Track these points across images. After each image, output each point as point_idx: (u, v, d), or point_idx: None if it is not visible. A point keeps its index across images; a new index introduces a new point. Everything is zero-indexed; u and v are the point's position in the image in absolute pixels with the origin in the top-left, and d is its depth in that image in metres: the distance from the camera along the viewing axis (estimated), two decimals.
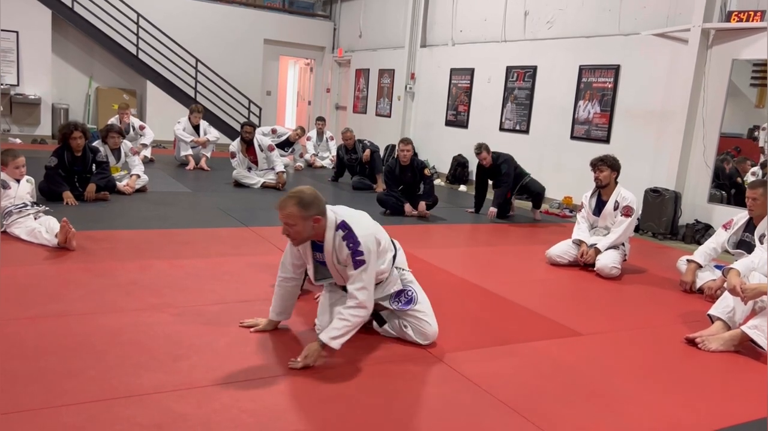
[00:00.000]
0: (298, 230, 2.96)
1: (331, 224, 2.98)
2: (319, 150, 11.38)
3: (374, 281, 3.05)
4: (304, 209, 2.91)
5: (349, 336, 2.98)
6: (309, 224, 2.94)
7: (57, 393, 2.50)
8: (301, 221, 2.93)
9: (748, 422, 2.77)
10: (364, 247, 2.95)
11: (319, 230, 3.00)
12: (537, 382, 3.01)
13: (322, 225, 2.98)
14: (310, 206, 2.92)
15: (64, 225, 4.53)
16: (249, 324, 3.39)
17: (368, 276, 2.98)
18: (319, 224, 2.97)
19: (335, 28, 14.74)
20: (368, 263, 2.97)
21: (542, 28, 9.27)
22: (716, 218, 6.87)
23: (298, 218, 2.92)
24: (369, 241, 2.99)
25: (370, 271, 2.99)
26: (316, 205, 2.94)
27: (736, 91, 7.09)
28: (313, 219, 2.94)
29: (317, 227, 2.97)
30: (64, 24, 11.82)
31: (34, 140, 11.41)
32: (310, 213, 2.92)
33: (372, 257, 2.99)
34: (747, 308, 3.71)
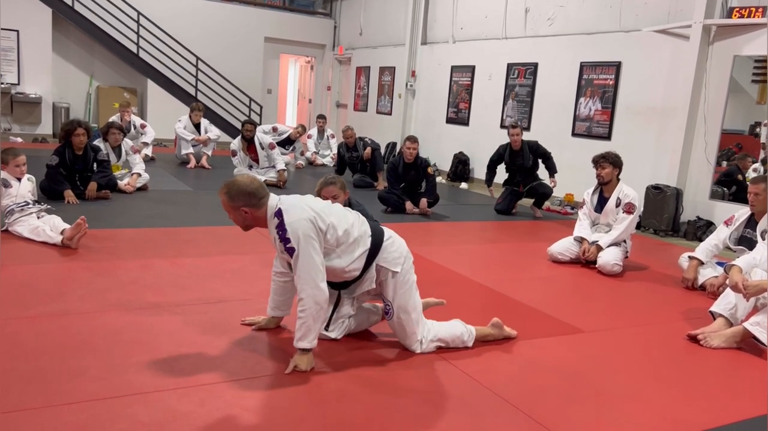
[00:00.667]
0: (232, 217, 2.99)
1: (269, 212, 2.92)
2: (320, 148, 11.38)
3: (316, 269, 2.84)
4: (230, 199, 2.92)
5: (313, 332, 2.86)
6: (240, 214, 2.93)
7: (58, 392, 2.50)
8: (231, 210, 2.95)
9: (751, 419, 2.77)
10: (291, 234, 2.82)
11: (258, 219, 2.95)
12: (539, 379, 3.00)
13: (257, 216, 2.93)
14: (237, 197, 2.90)
15: (81, 222, 4.53)
16: (250, 322, 3.38)
17: (303, 264, 2.82)
18: (251, 214, 2.92)
19: (336, 25, 14.72)
20: (298, 251, 2.81)
21: (543, 25, 9.25)
22: (718, 214, 6.86)
23: (228, 207, 2.95)
24: (299, 227, 2.82)
25: (307, 258, 2.82)
26: (245, 196, 2.89)
27: (737, 87, 7.08)
28: (242, 210, 2.91)
29: (250, 217, 2.94)
30: (65, 23, 11.81)
31: (35, 139, 11.41)
32: (237, 204, 2.91)
33: (303, 244, 2.81)
34: (749, 305, 3.70)
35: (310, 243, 2.84)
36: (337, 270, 2.99)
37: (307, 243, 2.82)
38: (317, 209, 2.95)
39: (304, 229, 2.83)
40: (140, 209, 6.30)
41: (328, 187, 4.10)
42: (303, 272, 2.83)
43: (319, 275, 2.85)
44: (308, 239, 2.83)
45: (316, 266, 2.85)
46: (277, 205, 2.91)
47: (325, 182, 4.15)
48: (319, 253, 2.87)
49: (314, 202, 3.03)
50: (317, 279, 2.84)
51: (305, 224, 2.84)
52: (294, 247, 2.82)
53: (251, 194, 2.90)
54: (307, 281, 2.83)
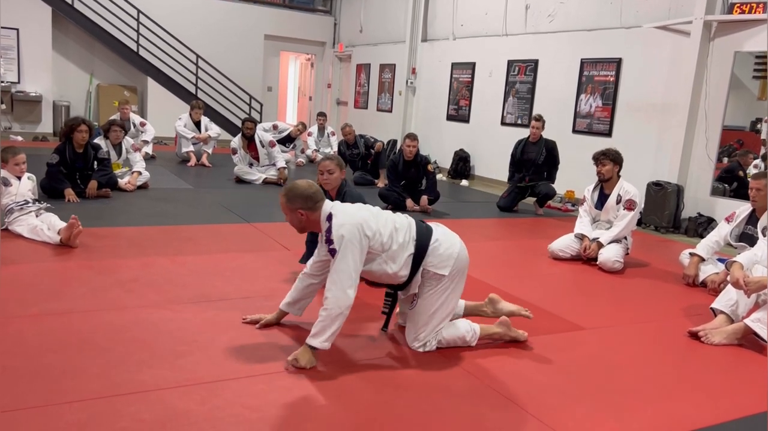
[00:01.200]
0: (289, 219, 3.07)
1: (324, 215, 3.00)
2: (321, 146, 11.36)
3: (348, 274, 2.89)
4: (288, 201, 3.01)
5: (327, 333, 2.87)
6: (296, 216, 3.02)
7: (59, 391, 2.50)
8: (289, 212, 3.04)
9: (752, 415, 2.77)
10: (335, 236, 2.90)
11: (314, 223, 3.04)
12: (540, 377, 3.00)
13: (312, 219, 3.01)
14: (294, 200, 2.99)
15: (73, 222, 4.53)
16: (251, 320, 3.38)
17: (338, 266, 2.88)
18: (306, 217, 3.01)
19: (336, 23, 14.70)
20: (341, 253, 2.88)
21: (543, 21, 9.23)
22: (719, 211, 6.85)
23: (286, 209, 3.04)
24: (344, 231, 2.89)
25: (345, 262, 2.88)
26: (302, 199, 2.98)
27: (738, 83, 7.07)
28: (298, 212, 3.00)
29: (305, 220, 3.02)
30: (65, 21, 11.80)
31: (36, 138, 11.40)
32: (294, 206, 3.00)
33: (344, 247, 2.88)
34: (750, 302, 3.70)
35: (352, 248, 2.91)
36: (389, 275, 3.09)
37: (348, 247, 2.90)
38: (365, 216, 3.03)
39: (348, 233, 2.91)
40: (141, 207, 6.30)
41: (325, 161, 4.21)
42: (335, 274, 2.91)
43: (348, 281, 2.90)
44: (350, 243, 2.91)
45: (349, 272, 2.91)
46: (330, 209, 3.01)
47: (323, 157, 4.30)
48: (357, 260, 2.94)
49: (364, 210, 3.11)
50: (345, 284, 2.90)
51: (350, 229, 2.92)
52: (336, 248, 2.90)
53: (308, 197, 2.99)
54: (336, 283, 2.89)
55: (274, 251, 4.98)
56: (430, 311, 3.14)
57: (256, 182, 8.31)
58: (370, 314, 3.68)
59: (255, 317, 3.40)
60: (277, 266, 4.54)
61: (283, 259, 4.76)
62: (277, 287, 4.04)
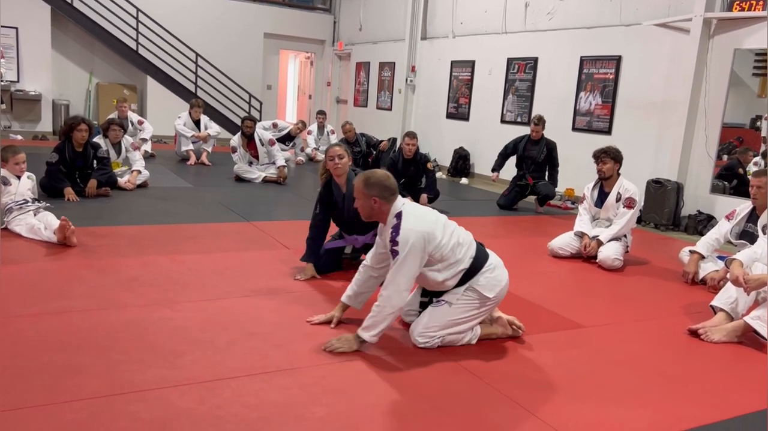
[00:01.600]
0: (360, 203, 3.15)
1: (394, 210, 3.09)
2: (320, 144, 11.35)
3: (408, 279, 3.01)
4: (365, 186, 3.09)
5: (378, 328, 3.03)
6: (369, 202, 3.09)
7: (59, 390, 2.50)
8: (363, 197, 3.11)
9: (752, 413, 2.77)
10: (402, 238, 2.97)
11: (382, 214, 3.11)
12: (540, 375, 3.00)
13: (383, 210, 3.09)
14: (372, 186, 3.07)
15: (63, 224, 4.52)
16: (322, 321, 3.39)
17: (402, 270, 2.98)
18: (378, 206, 3.08)
19: (335, 21, 14.69)
20: (402, 256, 2.96)
21: (543, 19, 9.22)
22: (719, 208, 6.85)
23: (361, 194, 3.11)
24: (411, 236, 2.96)
25: (406, 267, 2.98)
26: (380, 188, 3.07)
27: (738, 81, 7.06)
28: (372, 199, 3.07)
29: (377, 208, 3.09)
30: (64, 20, 11.79)
31: (35, 137, 11.40)
32: (370, 192, 3.07)
33: (408, 253, 2.96)
34: (750, 299, 3.70)
35: (415, 255, 2.98)
36: (437, 282, 3.16)
37: (411, 254, 2.97)
38: (433, 226, 3.08)
39: (414, 240, 2.97)
40: (140, 206, 6.30)
41: (334, 147, 4.27)
42: (395, 276, 3.00)
43: (405, 285, 3.02)
44: (414, 250, 2.97)
45: (409, 277, 3.02)
46: (401, 208, 3.08)
47: (331, 144, 4.37)
48: (417, 267, 3.03)
49: (433, 216, 3.16)
50: (402, 287, 3.01)
51: (417, 236, 2.98)
52: (399, 251, 2.98)
53: (386, 187, 3.08)
54: (394, 283, 2.99)
55: (274, 250, 4.98)
56: (453, 318, 3.18)
57: (256, 180, 8.30)
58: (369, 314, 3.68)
59: (324, 318, 3.41)
60: (277, 265, 4.54)
61: (283, 257, 4.75)
62: (277, 286, 4.04)
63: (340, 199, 4.29)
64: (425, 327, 3.17)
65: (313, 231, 4.34)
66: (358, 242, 4.40)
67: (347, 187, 4.21)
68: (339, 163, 4.17)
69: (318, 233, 4.35)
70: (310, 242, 4.33)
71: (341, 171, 4.21)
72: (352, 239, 4.41)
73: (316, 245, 4.33)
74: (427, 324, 3.18)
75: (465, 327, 3.22)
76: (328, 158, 4.22)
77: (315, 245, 4.33)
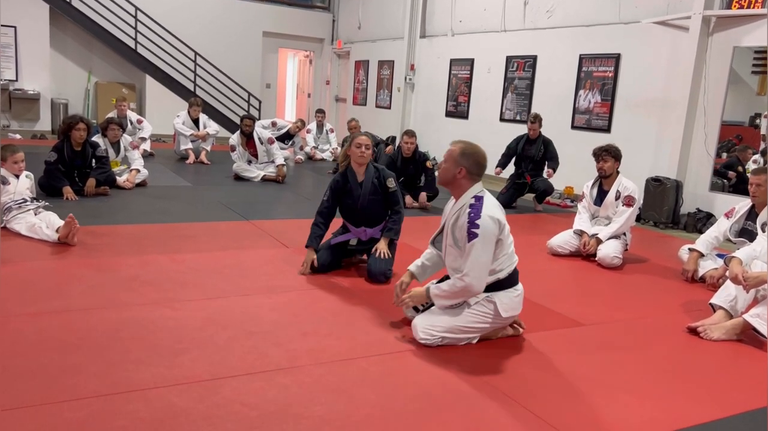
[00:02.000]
0: (444, 167, 3.19)
1: (472, 192, 3.13)
2: (319, 143, 11.36)
3: (486, 263, 3.06)
4: (461, 154, 3.13)
5: (447, 301, 3.14)
6: (455, 169, 3.13)
7: (58, 389, 2.50)
8: (452, 162, 3.15)
9: (751, 411, 2.77)
10: (482, 222, 3.01)
11: (460, 186, 3.16)
12: (538, 373, 3.00)
13: (463, 183, 3.14)
14: (467, 157, 3.12)
15: (70, 221, 4.52)
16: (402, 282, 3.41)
17: (478, 253, 3.01)
18: (462, 176, 3.13)
19: (334, 19, 14.68)
20: (480, 239, 3.00)
21: (542, 17, 9.22)
22: (718, 206, 6.85)
23: (452, 158, 3.15)
24: (491, 223, 3.03)
25: (482, 250, 3.02)
26: (474, 162, 3.12)
27: (737, 78, 7.06)
28: (459, 169, 3.12)
29: (460, 179, 3.14)
30: (62, 18, 11.78)
31: (34, 136, 11.40)
32: (462, 162, 3.11)
33: (487, 237, 3.02)
34: (749, 297, 3.70)
35: (491, 240, 3.05)
36: None
37: (488, 238, 3.03)
38: (504, 221, 3.16)
39: (492, 227, 3.04)
40: (139, 205, 6.30)
41: (361, 137, 4.34)
42: (474, 260, 3.02)
43: (485, 273, 3.07)
44: (491, 236, 3.05)
45: (486, 263, 3.07)
46: (482, 193, 3.13)
47: (357, 134, 4.44)
48: (491, 253, 3.07)
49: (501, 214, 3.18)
50: (482, 275, 3.06)
51: (494, 225, 3.05)
52: (477, 233, 3.01)
53: (479, 165, 3.15)
54: (475, 268, 3.03)
55: (273, 249, 4.98)
56: (461, 325, 3.18)
57: (255, 179, 8.30)
58: (368, 313, 3.68)
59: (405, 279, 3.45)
60: (277, 264, 4.54)
61: (282, 256, 4.75)
62: (276, 285, 4.04)
63: (356, 187, 4.34)
64: (431, 325, 3.17)
65: (318, 218, 4.41)
66: (366, 234, 4.41)
67: (366, 176, 4.33)
68: (365, 152, 4.29)
69: (323, 220, 4.40)
70: (314, 228, 4.39)
71: (364, 160, 4.32)
72: (359, 230, 4.41)
73: (320, 231, 4.37)
74: (434, 322, 3.18)
75: (469, 335, 3.22)
76: (355, 146, 4.29)
77: (319, 231, 4.37)
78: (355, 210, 4.39)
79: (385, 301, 3.83)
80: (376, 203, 4.37)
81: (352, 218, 4.45)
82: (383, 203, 4.40)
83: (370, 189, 4.33)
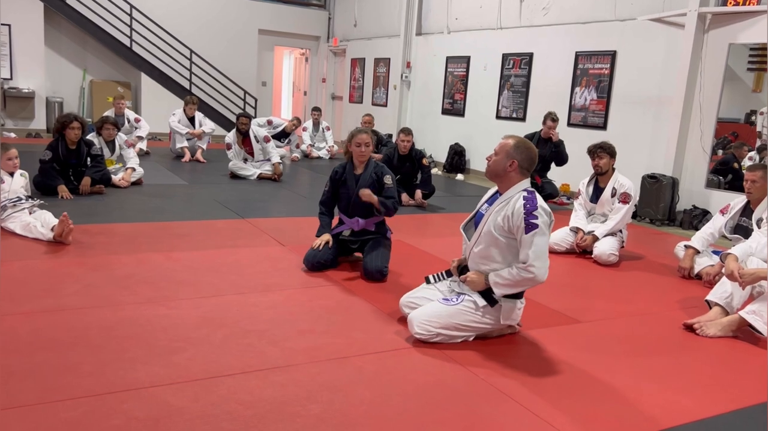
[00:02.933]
0: (496, 159, 3.17)
1: (521, 186, 3.14)
2: (315, 140, 11.33)
3: (547, 253, 3.10)
4: (514, 148, 3.14)
5: (508, 290, 3.13)
6: (506, 162, 3.13)
7: (53, 389, 2.48)
8: (504, 154, 3.14)
9: (748, 407, 2.77)
10: (540, 212, 3.03)
11: (509, 180, 3.15)
12: (536, 370, 3.00)
13: (512, 176, 3.14)
14: (520, 152, 3.13)
15: (63, 219, 4.50)
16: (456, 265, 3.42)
17: (541, 242, 3.04)
18: (513, 169, 3.13)
19: (330, 17, 14.65)
20: (541, 230, 3.03)
21: (538, 14, 9.21)
22: (714, 203, 6.86)
23: (504, 150, 3.15)
24: (547, 216, 3.07)
25: (542, 239, 3.04)
26: (526, 158, 3.13)
27: (733, 75, 7.06)
28: (511, 162, 3.12)
29: (510, 172, 3.14)
30: (57, 16, 11.73)
31: (29, 134, 11.35)
32: (514, 155, 3.12)
33: (545, 228, 3.05)
34: (745, 294, 3.71)
35: (547, 232, 3.10)
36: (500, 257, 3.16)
37: (546, 229, 3.08)
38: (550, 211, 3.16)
39: (547, 219, 3.09)
40: (135, 203, 6.28)
41: (361, 135, 4.42)
42: (537, 249, 3.05)
43: (547, 261, 3.10)
44: (548, 228, 3.10)
45: (547, 251, 3.11)
46: (529, 187, 3.16)
47: (357, 130, 4.49)
48: (548, 243, 3.13)
49: None
50: (546, 260, 3.09)
51: (548, 217, 3.10)
52: (537, 224, 3.03)
53: (530, 160, 3.16)
54: (540, 257, 3.05)
55: (269, 247, 4.97)
56: (457, 322, 3.18)
57: (251, 177, 8.28)
58: (364, 311, 3.68)
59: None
60: (273, 262, 4.53)
61: (278, 255, 4.74)
62: (272, 283, 4.03)
63: (353, 180, 4.45)
64: (427, 320, 3.16)
65: (321, 207, 4.60)
66: (359, 224, 4.47)
67: (366, 169, 4.45)
68: (364, 151, 4.40)
69: (326, 209, 4.60)
70: (321, 218, 4.58)
71: (364, 158, 4.44)
72: (353, 221, 4.48)
73: (326, 219, 4.57)
74: (430, 317, 3.17)
75: (465, 334, 3.22)
76: (355, 144, 4.40)
77: (325, 219, 4.57)
78: (349, 200, 4.48)
79: (382, 298, 3.83)
80: None
81: (346, 208, 4.53)
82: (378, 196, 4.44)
83: (368, 182, 4.41)
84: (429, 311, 3.21)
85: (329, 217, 4.59)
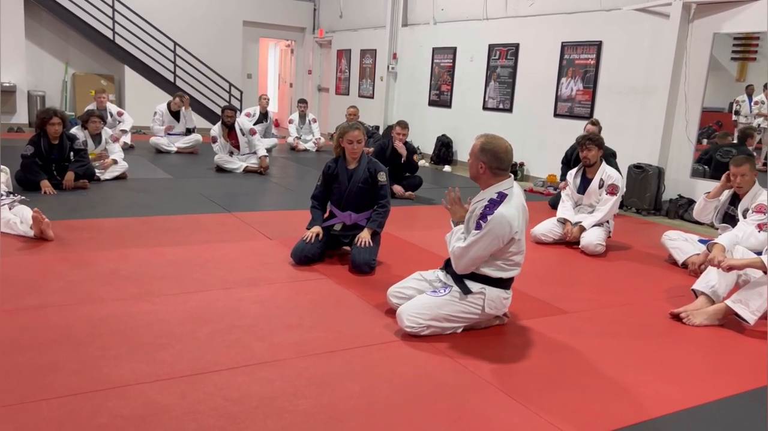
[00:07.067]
0: (470, 162, 3.21)
1: (497, 188, 3.13)
2: (302, 133, 11.27)
3: (477, 259, 3.11)
4: (481, 150, 3.12)
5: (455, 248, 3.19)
6: (477, 164, 3.14)
7: (36, 388, 2.45)
8: (473, 157, 3.16)
9: (735, 395, 2.79)
10: (492, 218, 3.02)
11: (484, 181, 3.17)
12: (523, 361, 3.00)
13: (486, 178, 3.14)
14: (486, 153, 3.10)
15: (35, 215, 4.42)
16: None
17: (477, 242, 3.05)
18: (482, 172, 3.13)
19: (315, 8, 14.55)
20: (483, 234, 3.03)
21: (524, 5, 9.19)
22: (699, 192, 6.86)
23: (473, 154, 3.16)
24: (500, 223, 3.02)
25: (481, 242, 3.05)
26: (491, 157, 3.09)
27: (717, 65, 7.09)
28: (480, 165, 3.12)
29: (480, 173, 3.14)
30: (38, 9, 11.55)
31: (11, 129, 11.18)
32: (481, 158, 3.11)
33: (488, 234, 3.02)
34: (731, 283, 3.73)
35: (492, 240, 3.05)
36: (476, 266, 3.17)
37: (490, 236, 3.04)
38: (523, 227, 3.13)
39: (500, 228, 3.02)
40: (119, 198, 6.21)
41: (354, 131, 4.38)
42: (469, 249, 3.09)
43: (473, 262, 3.13)
44: (495, 235, 3.04)
45: (478, 257, 3.11)
46: (508, 191, 3.11)
47: (348, 126, 4.45)
48: (488, 249, 3.08)
49: (526, 216, 3.18)
50: (470, 262, 3.12)
51: (505, 227, 3.02)
52: (482, 229, 3.04)
53: (498, 159, 3.11)
54: (465, 255, 3.11)
55: (256, 241, 4.93)
56: (446, 313, 3.18)
57: (237, 170, 8.22)
58: (352, 305, 3.66)
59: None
60: (259, 256, 4.49)
61: (264, 249, 4.71)
62: (259, 278, 4.00)
63: (345, 175, 4.44)
64: (417, 313, 3.15)
65: (313, 201, 4.58)
66: (351, 218, 4.47)
67: (358, 165, 4.43)
68: (356, 148, 4.38)
69: (318, 203, 4.57)
70: (313, 211, 4.56)
71: (356, 155, 4.42)
72: (345, 215, 4.48)
73: (319, 212, 4.55)
74: (420, 310, 3.16)
75: (454, 325, 3.22)
76: (347, 141, 4.37)
77: (317, 212, 4.55)
78: (342, 195, 4.48)
79: (370, 292, 3.81)
80: (364, 191, 4.45)
81: (338, 202, 4.52)
82: (371, 193, 4.48)
83: (361, 178, 4.41)
84: (418, 304, 3.20)
85: (321, 211, 4.58)
